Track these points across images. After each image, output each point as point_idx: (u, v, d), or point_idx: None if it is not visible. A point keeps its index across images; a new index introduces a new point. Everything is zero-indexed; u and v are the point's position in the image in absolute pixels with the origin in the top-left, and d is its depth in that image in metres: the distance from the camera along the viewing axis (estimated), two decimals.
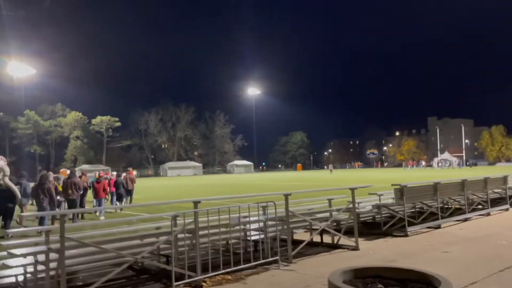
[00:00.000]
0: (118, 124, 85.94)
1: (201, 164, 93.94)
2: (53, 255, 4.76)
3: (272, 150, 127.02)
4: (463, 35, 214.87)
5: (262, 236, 6.88)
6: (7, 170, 11.98)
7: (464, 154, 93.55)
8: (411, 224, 9.27)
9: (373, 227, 9.41)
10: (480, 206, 12.03)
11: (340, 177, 45.81)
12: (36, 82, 72.32)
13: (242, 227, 6.68)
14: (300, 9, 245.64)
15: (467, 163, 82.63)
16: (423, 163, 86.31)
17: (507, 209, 12.58)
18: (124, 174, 20.54)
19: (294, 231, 8.34)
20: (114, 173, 23.78)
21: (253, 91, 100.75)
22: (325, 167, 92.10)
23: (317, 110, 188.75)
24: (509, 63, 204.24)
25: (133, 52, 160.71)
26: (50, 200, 11.92)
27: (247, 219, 6.73)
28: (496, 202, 12.81)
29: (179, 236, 5.74)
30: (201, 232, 5.66)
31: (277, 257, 6.48)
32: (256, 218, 6.78)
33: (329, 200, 8.85)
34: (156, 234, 6.04)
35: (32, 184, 14.68)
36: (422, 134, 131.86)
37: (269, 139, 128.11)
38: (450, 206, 11.22)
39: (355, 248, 7.63)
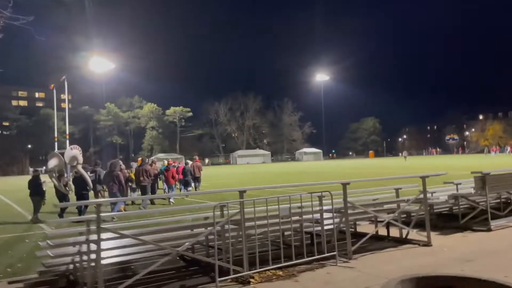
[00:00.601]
0: (190, 114, 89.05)
1: (269, 152, 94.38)
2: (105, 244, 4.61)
3: (343, 137, 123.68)
4: None
5: (318, 228, 6.29)
6: (80, 158, 12.70)
7: None
8: (495, 217, 8.10)
9: (449, 220, 8.37)
10: None
11: (414, 164, 43.11)
12: (115, 76, 77.05)
13: (296, 217, 6.16)
14: None
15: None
16: (509, 148, 78.45)
17: None
18: (190, 162, 20.92)
19: (357, 223, 7.66)
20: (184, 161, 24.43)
21: (321, 77, 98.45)
22: (400, 154, 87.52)
23: (390, 95, 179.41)
24: None
25: (202, 45, 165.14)
26: (119, 186, 12.35)
27: (301, 210, 6.16)
28: None
29: (227, 227, 5.37)
30: (248, 224, 5.24)
31: (335, 252, 5.88)
32: (312, 208, 6.20)
33: (396, 189, 7.97)
34: (203, 225, 5.74)
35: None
36: (510, 118, 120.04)
37: (339, 126, 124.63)
38: None
39: (427, 244, 6.74)
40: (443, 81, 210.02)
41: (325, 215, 6.32)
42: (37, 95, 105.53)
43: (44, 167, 35.41)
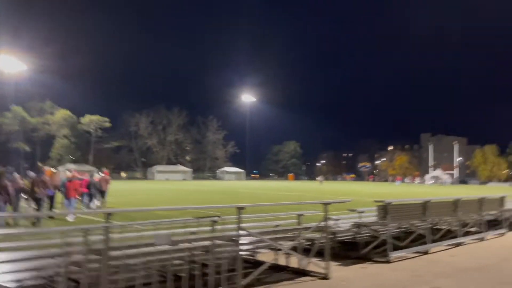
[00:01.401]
0: (108, 124, 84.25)
1: (191, 169, 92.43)
2: None
3: (265, 158, 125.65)
4: (461, 49, 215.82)
5: (208, 257, 5.52)
6: None
7: (456, 171, 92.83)
8: (396, 247, 7.98)
9: (353, 248, 8.11)
10: (473, 229, 10.76)
11: (328, 189, 44.53)
12: (28, 77, 70.77)
13: (186, 245, 5.34)
14: (297, 16, 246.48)
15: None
16: (410, 179, 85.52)
17: (503, 234, 11.33)
18: (98, 175, 19.86)
19: (259, 251, 7.03)
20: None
21: (247, 97, 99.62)
22: (316, 178, 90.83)
23: (312, 121, 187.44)
24: (503, 82, 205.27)
25: (127, 52, 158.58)
26: (7, 197, 11.54)
27: (190, 237, 5.36)
28: (492, 225, 11.56)
29: (89, 257, 4.38)
30: (128, 252, 4.31)
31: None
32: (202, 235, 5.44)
33: (299, 215, 7.53)
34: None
35: None
36: (415, 150, 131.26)
37: (263, 147, 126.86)
38: (440, 228, 9.95)
39: (325, 277, 6.29)
40: (362, 111, 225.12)
41: (222, 242, 5.60)
42: None
43: None
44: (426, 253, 8.41)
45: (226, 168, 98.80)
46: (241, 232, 5.53)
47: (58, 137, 78.81)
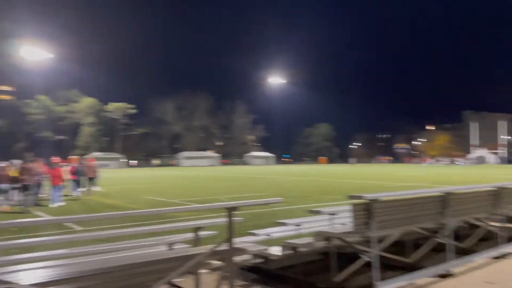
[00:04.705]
0: (134, 111, 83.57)
1: (218, 155, 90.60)
2: None
3: (296, 142, 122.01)
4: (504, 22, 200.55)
5: None
6: None
7: (503, 150, 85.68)
8: (389, 268, 4.85)
9: (323, 269, 5.09)
10: None
11: (355, 172, 40.82)
12: (53, 67, 70.71)
13: None
14: None
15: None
16: (433, 160, 79.02)
17: None
18: (84, 162, 20.13)
19: None
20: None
21: (276, 80, 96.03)
22: (352, 160, 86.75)
23: (345, 102, 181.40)
24: None
25: (152, 39, 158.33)
26: None
27: None
28: None
29: None
30: None
31: None
32: None
33: (196, 229, 4.48)
34: None
35: None
36: (456, 129, 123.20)
37: (293, 130, 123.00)
38: (468, 232, 6.68)
39: None
40: (398, 92, 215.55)
41: None
42: None
43: None
44: (447, 276, 5.22)
45: (254, 153, 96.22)
46: None
47: (85, 125, 78.81)
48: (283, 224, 5.52)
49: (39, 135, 73.41)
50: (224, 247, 3.56)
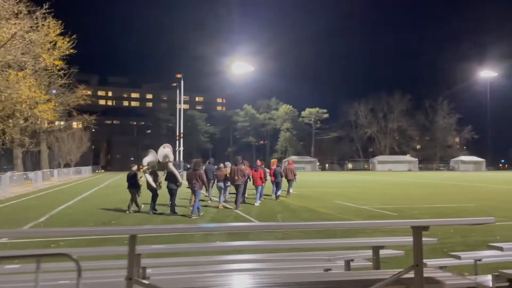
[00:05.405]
0: (326, 115, 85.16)
1: (416, 159, 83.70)
2: None
3: None
4: None
5: None
6: (171, 156, 13.61)
7: None
8: None
9: None
10: None
11: None
12: (255, 78, 78.59)
13: None
14: None
15: None
16: None
17: None
18: (284, 165, 20.66)
19: None
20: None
21: (487, 73, 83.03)
22: None
23: None
24: None
25: (340, 45, 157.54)
26: (202, 184, 12.44)
27: None
28: None
29: None
30: None
31: None
32: None
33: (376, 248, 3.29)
34: None
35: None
36: None
37: (510, 131, 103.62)
38: None
39: None
40: None
41: None
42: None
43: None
44: None
45: (462, 157, 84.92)
46: None
47: (282, 130, 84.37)
48: (499, 248, 3.89)
49: (244, 140, 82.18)
50: (410, 274, 2.41)
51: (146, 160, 13.33)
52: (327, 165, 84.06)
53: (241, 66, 70.70)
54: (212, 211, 13.28)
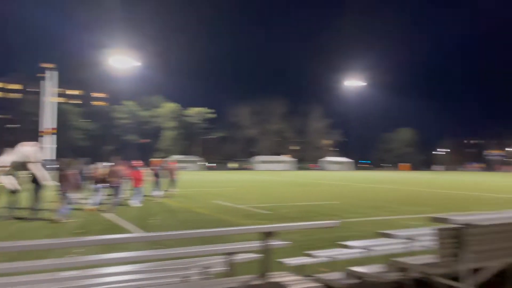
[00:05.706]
0: (214, 115, 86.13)
1: (293, 159, 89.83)
2: None
3: (375, 147, 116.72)
4: None
5: None
6: (34, 156, 12.57)
7: None
8: None
9: None
10: None
11: (442, 181, 37.47)
12: (140, 74, 75.51)
13: None
14: None
15: None
16: None
17: None
18: (164, 165, 20.31)
19: None
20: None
21: (353, 83, 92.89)
22: (437, 168, 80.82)
23: (430, 106, 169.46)
24: None
25: (229, 46, 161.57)
26: (73, 185, 12.03)
27: None
28: None
29: None
30: None
31: None
32: None
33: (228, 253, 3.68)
34: None
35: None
36: None
37: (373, 135, 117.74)
38: None
39: None
40: (490, 92, 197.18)
41: None
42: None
43: None
44: None
45: (330, 158, 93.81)
46: None
47: (166, 129, 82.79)
48: (347, 246, 4.58)
49: (125, 138, 78.55)
50: (258, 281, 2.80)
51: (3, 160, 12.35)
52: (211, 164, 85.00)
53: (125, 60, 67.28)
54: (83, 214, 12.60)
